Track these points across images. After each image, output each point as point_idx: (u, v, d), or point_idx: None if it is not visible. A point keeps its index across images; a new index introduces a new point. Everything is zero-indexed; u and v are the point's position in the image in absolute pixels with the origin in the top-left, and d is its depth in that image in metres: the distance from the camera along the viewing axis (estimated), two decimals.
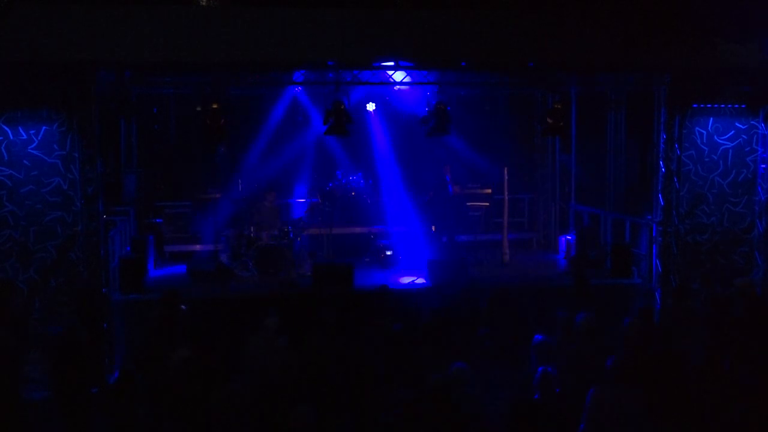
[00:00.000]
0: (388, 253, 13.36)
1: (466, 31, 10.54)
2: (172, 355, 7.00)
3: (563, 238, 14.32)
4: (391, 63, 11.00)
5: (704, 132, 11.48)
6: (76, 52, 9.66)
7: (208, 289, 11.42)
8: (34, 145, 9.96)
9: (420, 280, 11.96)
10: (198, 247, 14.11)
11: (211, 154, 15.14)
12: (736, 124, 11.54)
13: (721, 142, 11.53)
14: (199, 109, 11.19)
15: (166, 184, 15.40)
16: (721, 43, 10.77)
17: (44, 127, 9.96)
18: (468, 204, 14.71)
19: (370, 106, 15.08)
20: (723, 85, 11.29)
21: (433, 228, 13.75)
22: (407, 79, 11.95)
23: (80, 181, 10.03)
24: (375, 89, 13.99)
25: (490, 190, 15.36)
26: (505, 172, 13.88)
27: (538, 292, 11.34)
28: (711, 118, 11.48)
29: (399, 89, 13.98)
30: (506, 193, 13.94)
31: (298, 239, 12.90)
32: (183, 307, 8.87)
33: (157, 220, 14.14)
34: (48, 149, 9.99)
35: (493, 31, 10.58)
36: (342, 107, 11.13)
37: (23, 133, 9.94)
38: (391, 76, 11.83)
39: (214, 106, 10.81)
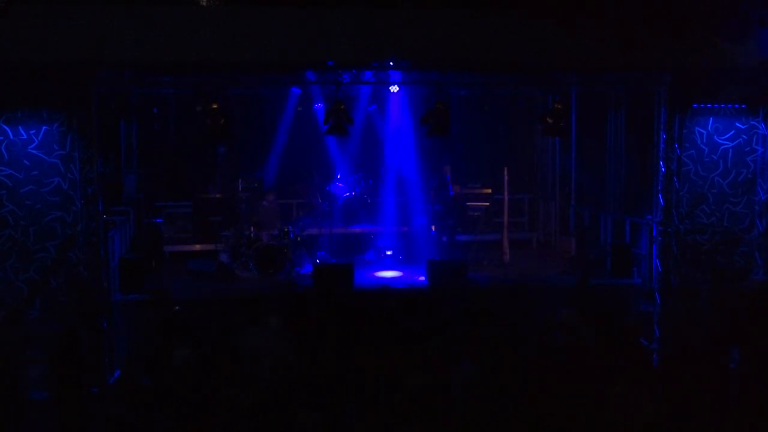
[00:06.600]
0: (388, 253, 13.35)
1: (466, 32, 10.53)
2: (172, 356, 7.00)
3: (564, 238, 14.32)
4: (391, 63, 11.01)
5: (704, 132, 11.47)
6: (76, 52, 9.64)
7: (208, 289, 11.42)
8: (34, 145, 9.96)
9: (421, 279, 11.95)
10: (198, 247, 14.10)
11: (211, 154, 15.13)
12: (736, 124, 11.52)
13: (721, 142, 11.52)
14: (199, 109, 11.18)
15: (166, 184, 15.39)
16: (721, 43, 10.76)
17: (44, 127, 9.96)
18: (468, 204, 14.70)
19: None
20: (723, 85, 11.27)
21: (433, 228, 13.75)
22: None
23: (80, 181, 10.03)
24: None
25: (490, 190, 15.33)
26: (505, 172, 13.87)
27: (538, 292, 11.32)
28: (711, 118, 11.47)
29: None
30: (506, 193, 13.92)
31: (298, 239, 12.90)
32: (177, 308, 8.85)
33: (157, 220, 14.13)
34: (48, 149, 9.98)
35: (493, 31, 10.57)
36: (342, 107, 11.14)
37: (23, 133, 9.94)
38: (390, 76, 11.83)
39: (214, 106, 10.80)
